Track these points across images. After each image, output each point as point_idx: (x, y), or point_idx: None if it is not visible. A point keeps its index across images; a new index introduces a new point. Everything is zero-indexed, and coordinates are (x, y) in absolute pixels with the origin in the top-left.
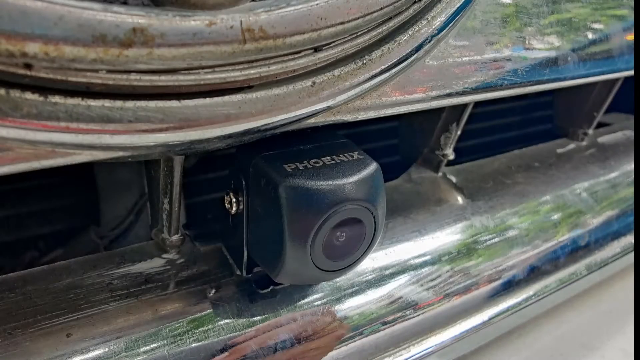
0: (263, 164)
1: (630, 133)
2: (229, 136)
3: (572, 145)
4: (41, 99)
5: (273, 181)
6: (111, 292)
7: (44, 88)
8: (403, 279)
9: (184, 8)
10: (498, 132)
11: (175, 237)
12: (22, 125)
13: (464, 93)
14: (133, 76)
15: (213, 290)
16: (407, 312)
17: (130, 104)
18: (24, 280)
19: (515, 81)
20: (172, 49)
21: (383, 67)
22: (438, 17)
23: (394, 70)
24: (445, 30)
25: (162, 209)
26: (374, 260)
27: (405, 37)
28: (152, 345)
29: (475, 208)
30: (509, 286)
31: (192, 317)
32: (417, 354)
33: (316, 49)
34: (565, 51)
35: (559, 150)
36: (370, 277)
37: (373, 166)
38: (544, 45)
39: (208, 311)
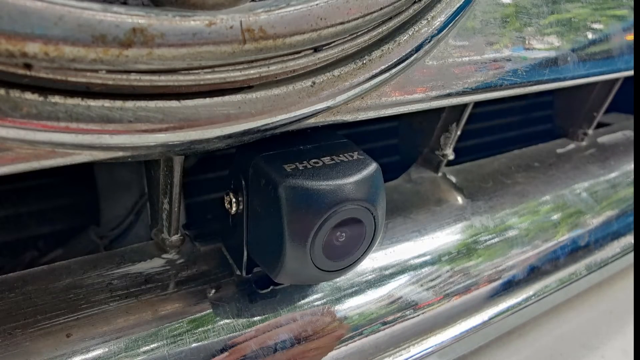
0: (263, 164)
1: (630, 133)
2: (229, 136)
3: (572, 145)
4: (41, 99)
5: (273, 181)
6: (111, 292)
7: (44, 88)
8: (403, 279)
9: (184, 8)
10: (498, 132)
11: (175, 237)
12: (22, 125)
13: (464, 93)
14: (133, 76)
15: (213, 290)
16: (407, 312)
17: (130, 104)
18: (24, 280)
19: (515, 81)
20: (172, 49)
21: (383, 67)
22: (438, 17)
23: (394, 71)
24: (445, 30)
25: (162, 209)
26: (374, 260)
27: (405, 37)
28: (152, 345)
29: (475, 208)
30: (509, 286)
31: (192, 317)
32: (417, 354)
33: (316, 49)
34: (565, 51)
35: (559, 150)
36: (370, 277)
37: (373, 166)
38: (544, 45)
39: (208, 311)
